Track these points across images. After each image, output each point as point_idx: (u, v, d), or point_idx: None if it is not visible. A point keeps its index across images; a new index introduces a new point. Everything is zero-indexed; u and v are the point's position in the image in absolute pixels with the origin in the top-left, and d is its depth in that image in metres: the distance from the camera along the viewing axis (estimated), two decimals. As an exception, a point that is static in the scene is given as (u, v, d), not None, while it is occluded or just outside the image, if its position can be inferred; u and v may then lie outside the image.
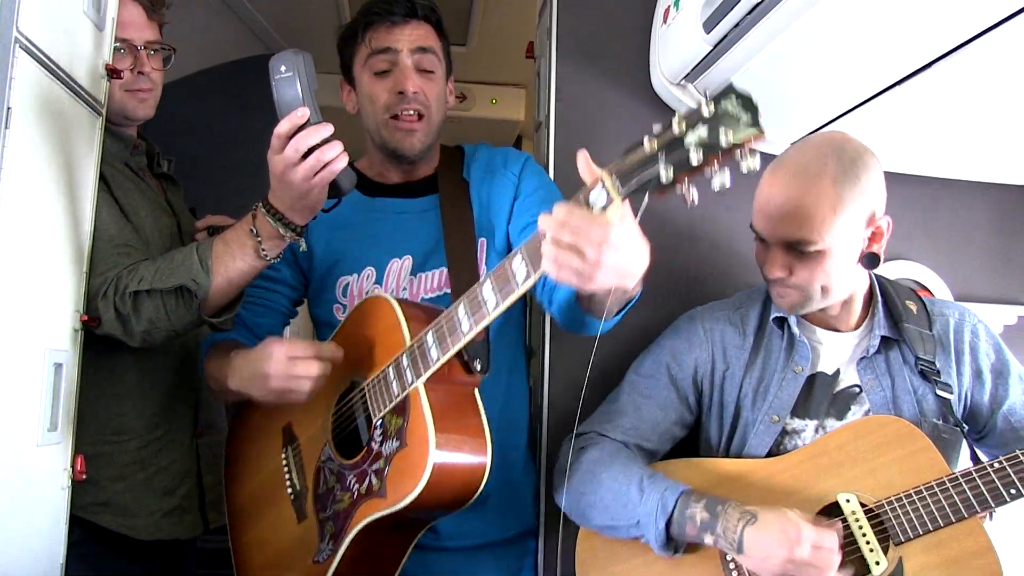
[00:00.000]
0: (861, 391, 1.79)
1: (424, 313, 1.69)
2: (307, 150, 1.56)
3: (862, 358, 1.80)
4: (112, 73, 1.78)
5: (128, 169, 1.94)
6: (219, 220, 2.01)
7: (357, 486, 1.71)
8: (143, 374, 1.91)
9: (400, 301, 1.72)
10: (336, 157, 1.59)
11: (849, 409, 1.79)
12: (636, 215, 1.28)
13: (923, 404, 1.77)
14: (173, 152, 2.16)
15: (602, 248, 1.25)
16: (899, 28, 1.57)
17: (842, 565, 1.60)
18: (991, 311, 2.33)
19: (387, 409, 1.68)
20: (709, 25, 1.83)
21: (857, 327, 1.83)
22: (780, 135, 2.14)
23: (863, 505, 1.65)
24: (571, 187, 2.15)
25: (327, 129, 1.58)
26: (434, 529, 1.87)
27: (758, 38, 1.73)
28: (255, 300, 2.04)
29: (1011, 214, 2.40)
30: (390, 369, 1.68)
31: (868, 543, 1.63)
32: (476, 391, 1.68)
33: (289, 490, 1.90)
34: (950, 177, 2.33)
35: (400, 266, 1.99)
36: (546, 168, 2.24)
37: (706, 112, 1.18)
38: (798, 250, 1.67)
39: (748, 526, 1.58)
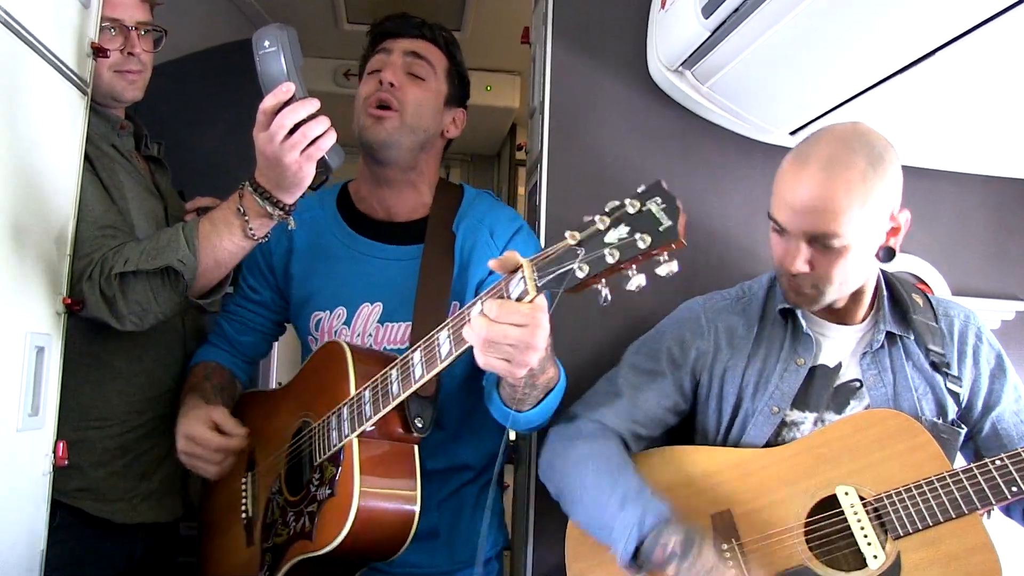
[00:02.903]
0: (862, 386, 1.77)
1: (376, 366, 1.71)
2: (293, 126, 1.54)
3: (865, 352, 1.78)
4: (98, 52, 1.74)
5: (115, 150, 1.91)
6: (209, 202, 1.99)
7: (294, 524, 1.77)
8: (128, 360, 1.89)
9: (355, 350, 1.75)
10: (324, 133, 1.57)
11: (848, 403, 1.77)
12: (550, 307, 1.33)
13: (923, 403, 1.76)
14: (162, 135, 2.13)
15: (531, 334, 1.34)
16: (900, 16, 1.55)
17: (839, 558, 1.60)
18: (989, 306, 2.32)
19: (325, 456, 1.72)
20: (708, 10, 1.81)
21: (863, 320, 1.81)
22: (778, 124, 2.13)
23: (862, 498, 1.63)
24: (563, 179, 2.16)
25: (313, 104, 1.55)
26: None
27: (757, 24, 1.71)
28: (237, 318, 2.07)
29: (1010, 208, 2.39)
30: (332, 418, 1.72)
31: (866, 536, 1.61)
32: (415, 447, 1.71)
33: (243, 514, 1.95)
34: (949, 169, 2.32)
35: (370, 312, 1.98)
36: (539, 157, 2.22)
37: (630, 209, 1.21)
38: (821, 243, 1.62)
39: None
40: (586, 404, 1.86)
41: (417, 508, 1.67)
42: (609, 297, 1.25)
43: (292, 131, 1.55)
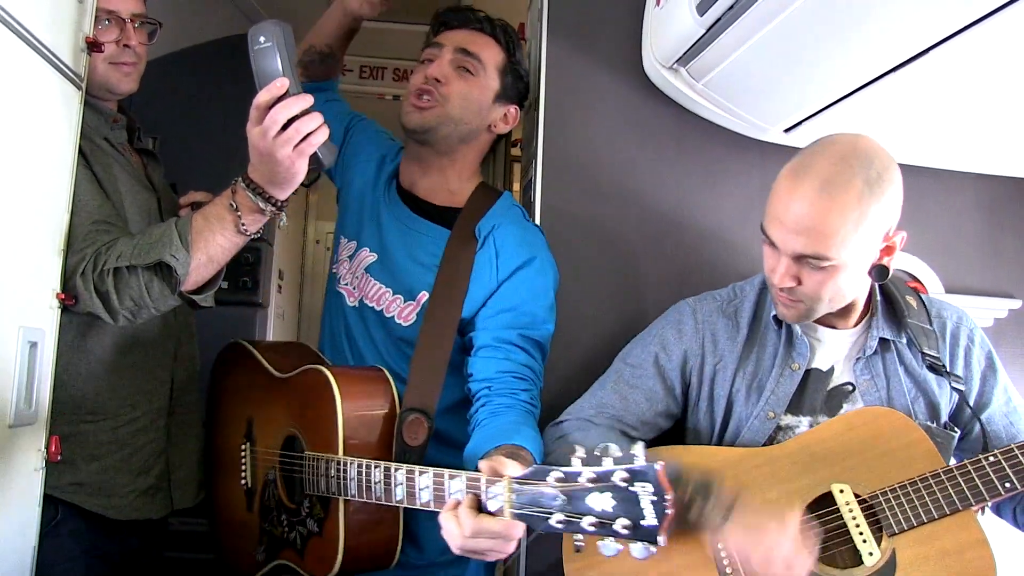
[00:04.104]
0: (854, 389, 1.77)
1: (364, 421, 1.77)
2: (287, 122, 1.54)
3: (858, 358, 1.78)
4: (92, 46, 1.74)
5: (108, 144, 1.91)
6: (202, 196, 1.98)
7: (286, 531, 1.86)
8: (119, 354, 1.87)
9: (346, 403, 1.75)
10: (316, 129, 1.57)
11: (841, 407, 1.77)
12: (528, 538, 1.34)
13: (916, 407, 1.76)
14: (158, 130, 2.13)
15: (503, 546, 1.38)
16: (894, 14, 1.54)
17: (835, 555, 1.61)
18: (982, 304, 2.31)
19: (315, 495, 1.75)
20: (702, 8, 1.80)
21: (856, 325, 1.80)
22: (773, 121, 2.13)
23: (856, 496, 1.63)
24: (558, 175, 2.16)
25: (307, 100, 1.55)
26: None
27: (752, 22, 1.70)
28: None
29: (1003, 206, 2.38)
30: (321, 464, 1.73)
31: (861, 534, 1.61)
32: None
33: (243, 480, 2.03)
34: (942, 168, 2.32)
35: (364, 257, 2.02)
36: (535, 152, 2.21)
37: (618, 478, 1.17)
38: (811, 263, 1.60)
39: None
40: (576, 408, 1.86)
41: (397, 554, 1.77)
42: (582, 546, 1.24)
43: (285, 127, 1.55)
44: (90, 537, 1.83)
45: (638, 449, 1.19)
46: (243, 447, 2.03)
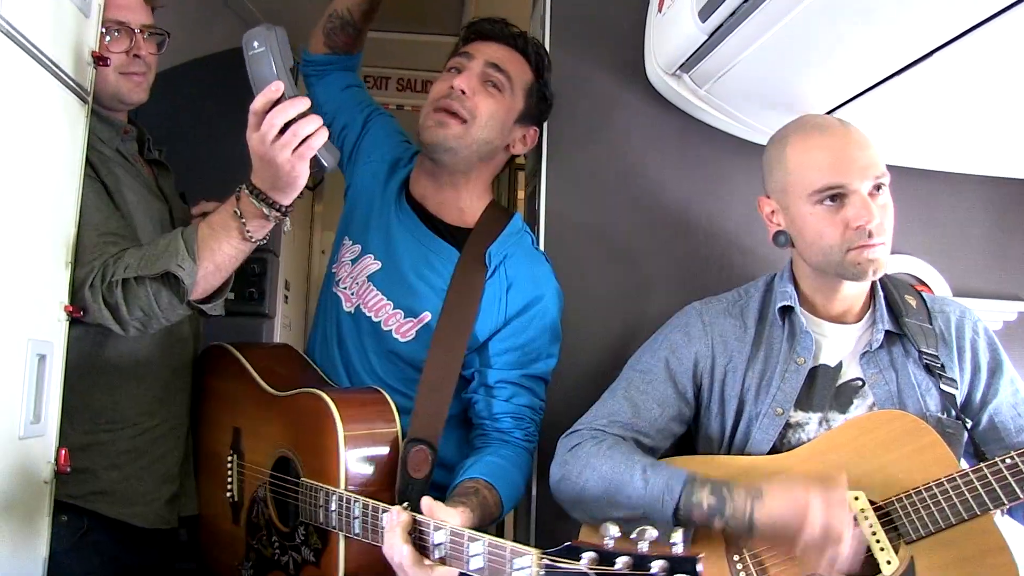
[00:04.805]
0: (864, 384, 1.76)
1: (367, 458, 1.73)
2: (284, 125, 1.54)
3: (864, 352, 1.78)
4: (98, 60, 1.74)
5: (119, 155, 1.91)
6: (213, 206, 1.98)
7: (278, 553, 1.82)
8: (136, 362, 1.88)
9: (348, 434, 1.69)
10: (315, 131, 1.56)
11: (852, 403, 1.76)
12: None
13: (927, 399, 1.75)
14: (163, 141, 2.14)
15: None
16: (897, 18, 1.54)
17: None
18: (990, 307, 2.31)
19: (311, 524, 1.72)
20: (704, 14, 1.80)
21: (859, 319, 1.80)
22: (775, 127, 2.11)
23: (872, 503, 1.62)
24: (562, 183, 2.16)
25: (303, 103, 1.54)
26: None
27: (754, 27, 1.70)
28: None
29: (1009, 209, 2.38)
30: (320, 494, 1.69)
31: (879, 542, 1.59)
32: None
33: (228, 493, 1.99)
34: (948, 170, 2.32)
35: (368, 264, 2.00)
36: (538, 159, 2.21)
37: (658, 571, 1.12)
38: (878, 188, 1.68)
39: (756, 503, 1.54)
40: (588, 418, 1.84)
41: None
42: None
43: (284, 131, 1.54)
44: (113, 548, 1.84)
45: (677, 536, 1.16)
46: (229, 458, 1.99)
